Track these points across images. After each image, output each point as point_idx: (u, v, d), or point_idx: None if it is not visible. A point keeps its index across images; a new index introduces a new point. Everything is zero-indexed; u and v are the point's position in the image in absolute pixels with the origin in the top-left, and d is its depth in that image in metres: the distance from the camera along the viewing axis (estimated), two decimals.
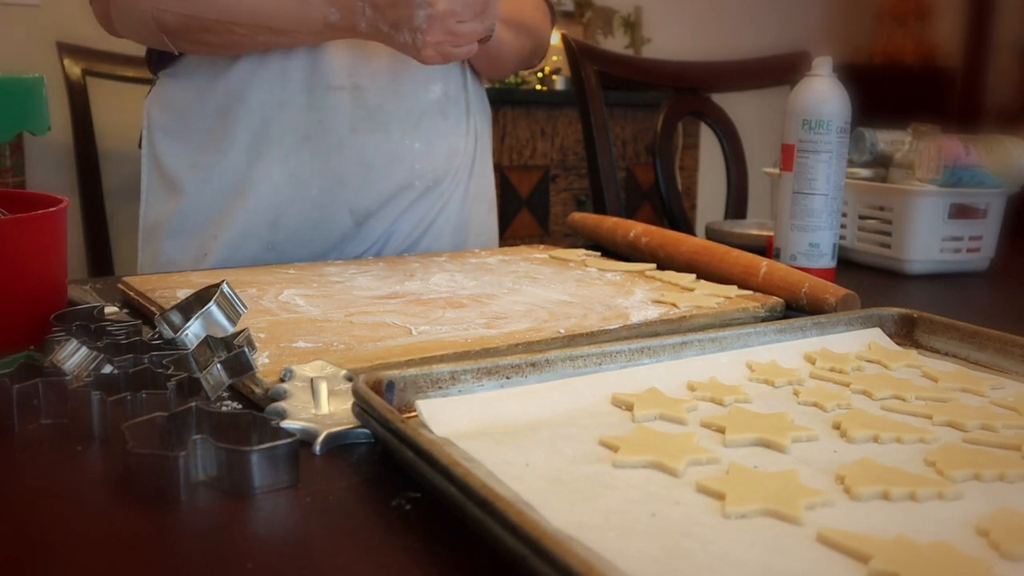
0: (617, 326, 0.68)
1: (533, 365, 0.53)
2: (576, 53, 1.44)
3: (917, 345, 0.67)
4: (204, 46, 0.97)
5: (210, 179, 1.00)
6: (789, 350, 0.62)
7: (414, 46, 0.88)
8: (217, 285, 0.58)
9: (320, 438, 0.47)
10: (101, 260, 2.19)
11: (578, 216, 1.13)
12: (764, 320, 0.73)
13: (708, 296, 0.78)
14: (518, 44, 1.10)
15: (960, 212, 1.05)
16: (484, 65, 1.12)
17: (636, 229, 0.99)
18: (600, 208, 1.44)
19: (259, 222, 1.00)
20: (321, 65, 0.98)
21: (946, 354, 0.65)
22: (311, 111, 0.99)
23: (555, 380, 0.53)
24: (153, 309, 0.69)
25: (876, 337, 0.67)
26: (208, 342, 0.54)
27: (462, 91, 1.10)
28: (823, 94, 0.92)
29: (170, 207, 1.01)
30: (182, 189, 1.01)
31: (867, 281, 1.02)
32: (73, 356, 0.53)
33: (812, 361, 0.61)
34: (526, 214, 2.98)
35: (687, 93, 1.52)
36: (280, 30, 0.93)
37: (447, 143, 1.08)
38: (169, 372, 0.52)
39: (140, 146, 1.05)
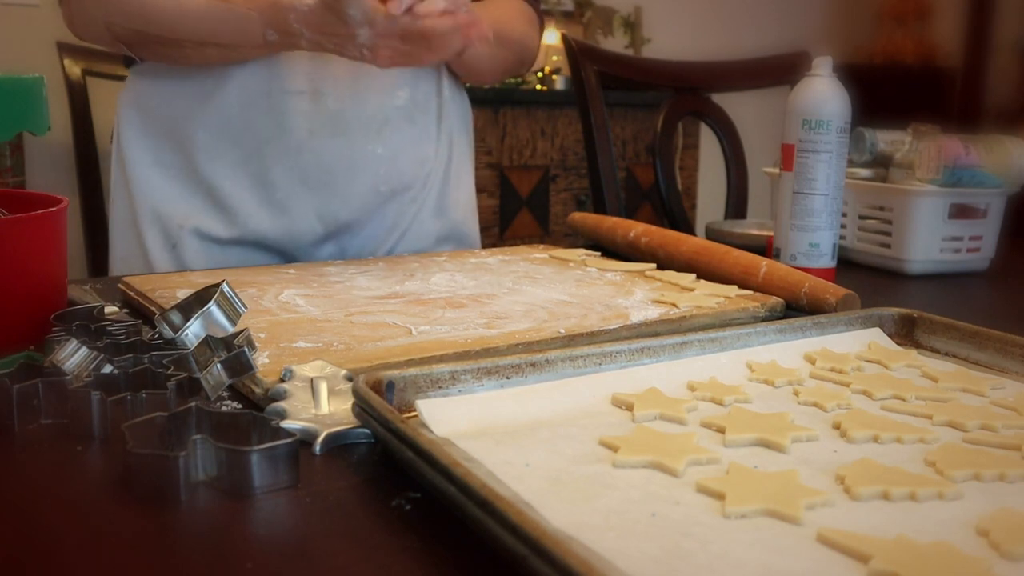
0: (617, 326, 0.68)
1: (533, 365, 0.53)
2: (576, 53, 1.44)
3: (917, 345, 0.67)
4: (160, 56, 0.98)
5: (175, 177, 1.01)
6: (789, 350, 0.62)
7: (366, 58, 0.87)
8: (217, 285, 0.58)
9: (320, 438, 0.47)
10: (101, 260, 2.19)
11: (578, 216, 1.13)
12: (764, 320, 0.73)
13: (708, 296, 0.78)
14: (500, 56, 1.09)
15: (960, 212, 1.05)
16: (463, 72, 1.12)
17: (636, 229, 0.99)
18: (600, 208, 1.44)
19: (226, 221, 1.01)
20: (281, 69, 0.98)
21: (946, 354, 0.65)
22: (270, 115, 0.99)
23: (555, 380, 0.53)
24: (153, 309, 0.69)
25: (876, 337, 0.67)
26: (208, 342, 0.54)
27: (433, 97, 1.09)
28: (823, 94, 0.92)
29: (136, 204, 1.02)
30: (148, 183, 1.02)
31: (867, 281, 1.02)
32: (73, 356, 0.53)
33: (812, 361, 0.61)
34: (526, 214, 2.98)
35: (687, 93, 1.52)
36: (225, 45, 0.93)
37: (415, 150, 1.07)
38: (169, 372, 0.52)
39: (111, 142, 1.06)
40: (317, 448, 0.47)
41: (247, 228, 1.01)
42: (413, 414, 0.48)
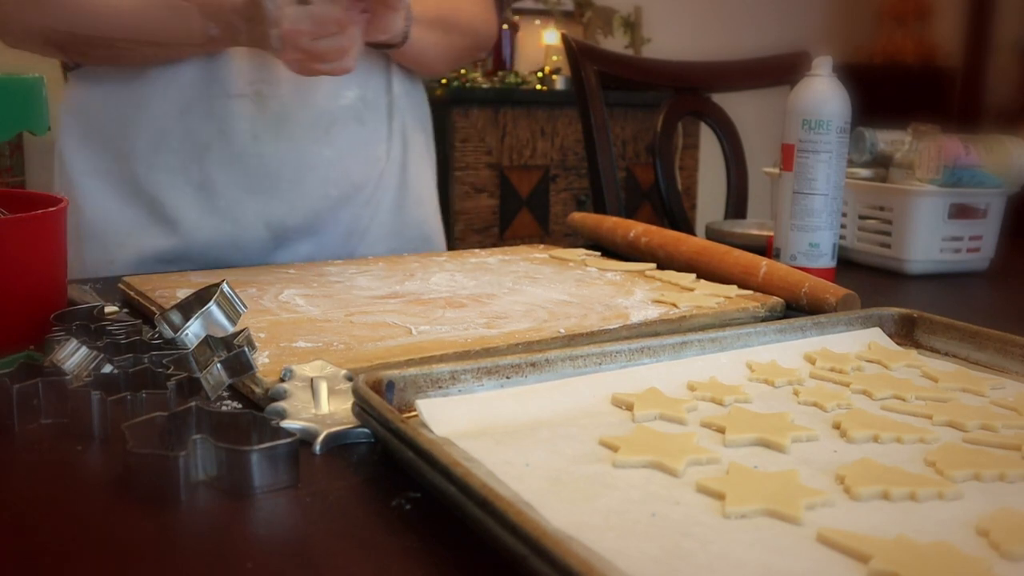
0: (617, 326, 0.68)
1: (533, 365, 0.53)
2: (576, 53, 1.44)
3: (917, 345, 0.67)
4: (92, 59, 0.95)
5: (115, 187, 0.97)
6: (789, 350, 0.62)
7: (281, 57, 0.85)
8: (217, 285, 0.58)
9: (320, 438, 0.47)
10: None
11: (578, 216, 1.13)
12: (764, 320, 0.73)
13: (708, 296, 0.78)
14: (446, 43, 1.05)
15: (960, 212, 1.05)
16: (411, 66, 1.08)
17: (636, 229, 0.99)
18: (600, 208, 1.44)
19: (168, 232, 0.97)
20: (221, 72, 0.95)
21: (946, 354, 0.65)
22: (211, 120, 0.95)
23: (555, 380, 0.53)
24: (153, 309, 0.69)
25: (876, 337, 0.67)
26: (208, 342, 0.54)
27: (383, 95, 1.05)
28: (823, 94, 0.92)
29: (76, 215, 0.97)
30: (86, 194, 0.98)
31: (867, 281, 1.02)
32: (73, 356, 0.53)
33: (812, 361, 0.61)
34: (526, 214, 2.98)
35: (687, 93, 1.52)
36: (164, 43, 0.91)
37: (365, 151, 1.04)
38: (169, 372, 0.52)
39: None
40: (317, 448, 0.47)
41: (191, 239, 0.98)
42: (413, 414, 0.48)
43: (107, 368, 0.52)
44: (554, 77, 3.16)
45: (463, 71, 3.02)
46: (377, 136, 1.05)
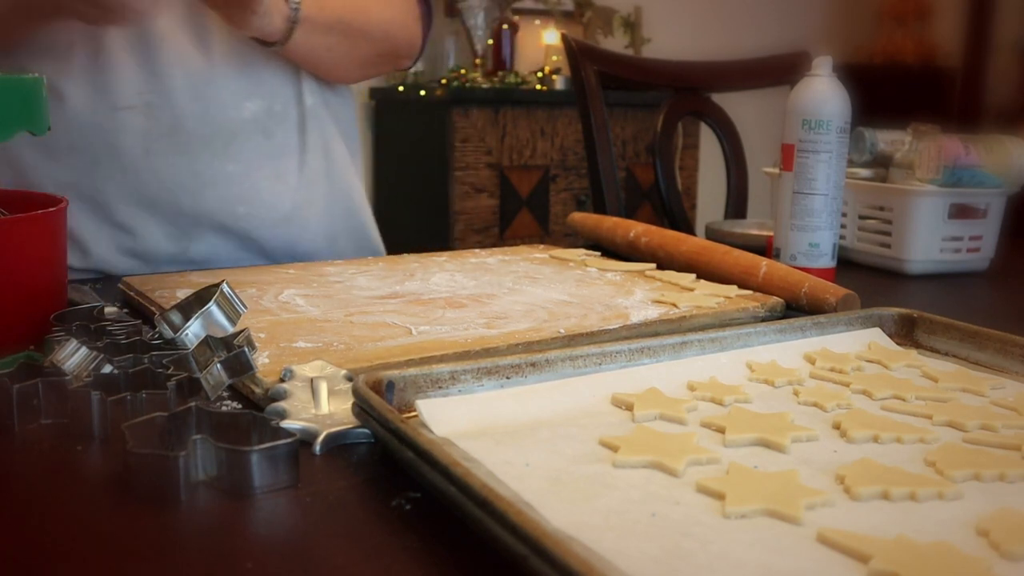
0: (617, 326, 0.68)
1: (533, 365, 0.53)
2: (576, 53, 1.44)
3: (917, 345, 0.67)
4: None
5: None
6: (789, 350, 0.62)
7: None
8: (217, 285, 0.58)
9: (320, 438, 0.47)
10: None
11: (578, 216, 1.13)
12: (764, 320, 0.73)
13: (708, 296, 0.78)
14: (346, 48, 0.98)
15: (960, 212, 1.05)
16: (310, 71, 1.01)
17: (636, 229, 0.99)
18: (600, 208, 1.44)
19: (71, 249, 0.91)
20: (107, 82, 0.89)
21: (946, 354, 0.65)
22: (100, 133, 0.89)
23: (555, 380, 0.53)
24: (153, 309, 0.69)
25: (876, 337, 0.67)
26: (208, 342, 0.54)
27: (292, 107, 0.99)
28: (823, 94, 0.92)
29: None
30: None
31: (867, 281, 1.02)
32: (73, 356, 0.53)
33: (812, 361, 0.61)
34: (526, 214, 2.98)
35: (687, 93, 1.52)
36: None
37: (274, 165, 0.98)
38: (169, 372, 0.52)
39: None
40: (317, 448, 0.47)
41: (97, 257, 0.93)
42: (413, 414, 0.48)
43: (107, 368, 0.52)
44: (554, 77, 3.16)
45: (463, 71, 3.02)
46: (286, 150, 0.99)
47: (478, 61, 3.13)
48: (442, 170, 2.85)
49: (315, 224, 1.03)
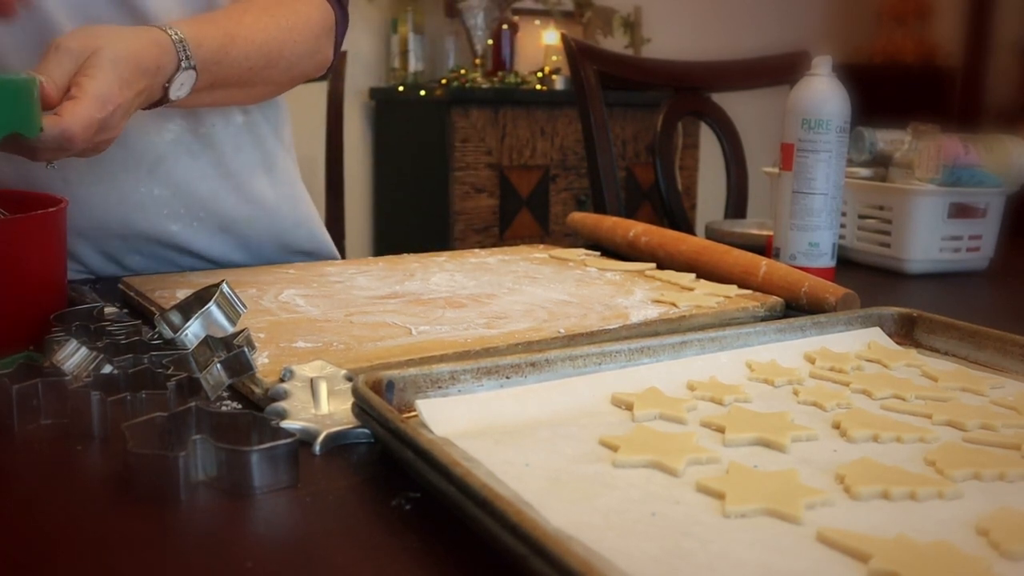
0: (617, 326, 0.68)
1: (533, 365, 0.53)
2: (576, 53, 1.44)
3: (917, 344, 0.67)
4: None
5: None
6: (789, 350, 0.62)
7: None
8: (217, 285, 0.58)
9: (320, 438, 0.47)
10: None
11: (578, 216, 1.13)
12: (764, 320, 0.73)
13: (708, 296, 0.78)
14: (248, 94, 0.89)
15: (960, 212, 1.05)
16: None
17: (636, 229, 0.99)
18: (600, 208, 1.44)
19: None
20: None
21: (946, 353, 0.65)
22: (13, 164, 0.81)
23: (555, 380, 0.53)
24: (153, 309, 0.68)
25: (876, 336, 0.67)
26: (208, 342, 0.54)
27: (222, 125, 0.94)
28: (823, 94, 0.92)
29: None
30: None
31: (867, 281, 1.02)
32: (73, 356, 0.53)
33: (812, 361, 0.61)
34: (526, 214, 2.98)
35: (687, 93, 1.52)
36: None
37: (205, 184, 0.94)
38: (169, 372, 0.52)
39: None
40: (317, 448, 0.47)
41: None
42: (413, 414, 0.48)
43: (107, 368, 0.52)
44: (554, 77, 3.16)
45: (463, 71, 3.03)
46: (219, 168, 0.95)
47: (478, 61, 3.13)
48: (442, 170, 2.85)
49: (261, 234, 1.00)
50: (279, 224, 1.01)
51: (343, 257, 1.10)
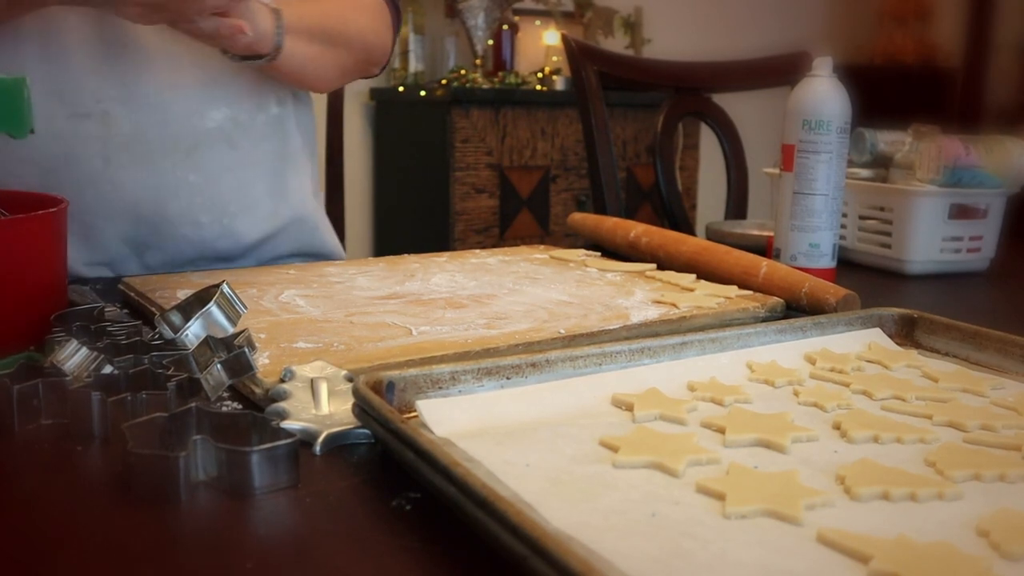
0: (617, 326, 0.68)
1: (533, 365, 0.53)
2: (576, 53, 1.44)
3: (917, 345, 0.67)
4: None
5: None
6: (789, 350, 0.62)
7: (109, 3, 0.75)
8: (217, 285, 0.58)
9: (320, 438, 0.47)
10: None
11: (578, 216, 1.13)
12: (764, 320, 0.73)
13: (708, 296, 0.78)
14: (330, 57, 0.97)
15: (960, 212, 1.05)
16: (290, 83, 1.00)
17: (636, 229, 0.99)
18: (600, 208, 1.44)
19: None
20: (62, 88, 0.85)
21: (946, 354, 0.65)
22: (54, 142, 0.85)
23: (555, 380, 0.53)
24: (153, 309, 0.69)
25: (876, 337, 0.67)
26: (208, 342, 0.54)
27: (258, 115, 0.97)
28: (823, 94, 0.92)
29: None
30: None
31: (867, 281, 1.02)
32: (73, 356, 0.53)
33: (812, 361, 0.61)
34: (526, 214, 2.98)
35: (687, 93, 1.52)
36: None
37: (236, 175, 0.96)
38: (169, 372, 0.52)
39: None
40: (317, 448, 0.47)
41: None
42: (413, 414, 0.48)
43: (107, 369, 0.52)
44: (554, 77, 3.16)
45: (463, 71, 3.02)
46: (251, 160, 0.97)
47: (478, 61, 3.13)
48: (442, 170, 2.85)
49: (277, 237, 1.01)
50: (293, 222, 1.03)
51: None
